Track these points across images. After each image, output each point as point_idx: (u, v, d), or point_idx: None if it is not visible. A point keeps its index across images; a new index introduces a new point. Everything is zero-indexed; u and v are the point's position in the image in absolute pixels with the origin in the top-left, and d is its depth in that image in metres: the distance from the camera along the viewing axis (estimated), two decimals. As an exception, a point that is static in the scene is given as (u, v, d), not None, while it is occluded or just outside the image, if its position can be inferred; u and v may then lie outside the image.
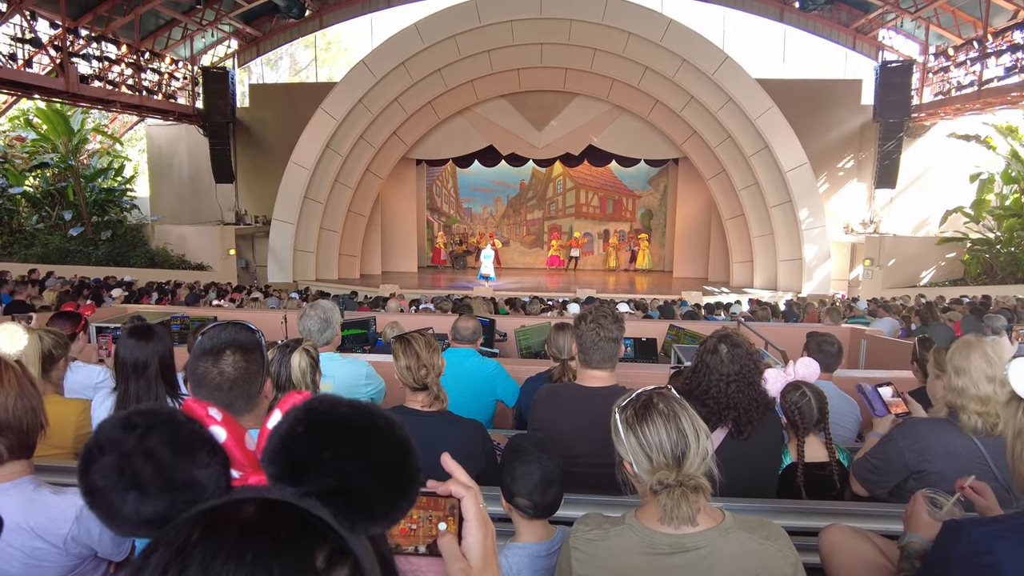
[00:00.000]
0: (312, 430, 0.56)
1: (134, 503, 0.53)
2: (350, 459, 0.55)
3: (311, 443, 0.55)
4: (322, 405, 0.58)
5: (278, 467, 0.55)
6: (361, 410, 0.59)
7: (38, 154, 17.90)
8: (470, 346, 3.56)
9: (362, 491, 0.55)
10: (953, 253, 17.57)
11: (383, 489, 0.57)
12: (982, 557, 1.25)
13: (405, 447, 0.60)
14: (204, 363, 1.54)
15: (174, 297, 11.47)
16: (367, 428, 0.58)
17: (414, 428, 2.08)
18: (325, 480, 0.54)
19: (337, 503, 0.54)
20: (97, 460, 0.54)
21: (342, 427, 0.57)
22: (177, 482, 0.54)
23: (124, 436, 0.55)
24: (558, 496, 1.74)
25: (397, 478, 0.58)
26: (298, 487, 0.54)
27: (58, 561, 1.54)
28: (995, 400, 2.04)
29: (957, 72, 16.73)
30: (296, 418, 0.57)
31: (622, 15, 15.84)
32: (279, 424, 0.57)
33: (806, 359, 2.45)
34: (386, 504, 0.57)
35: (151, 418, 0.56)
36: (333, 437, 0.56)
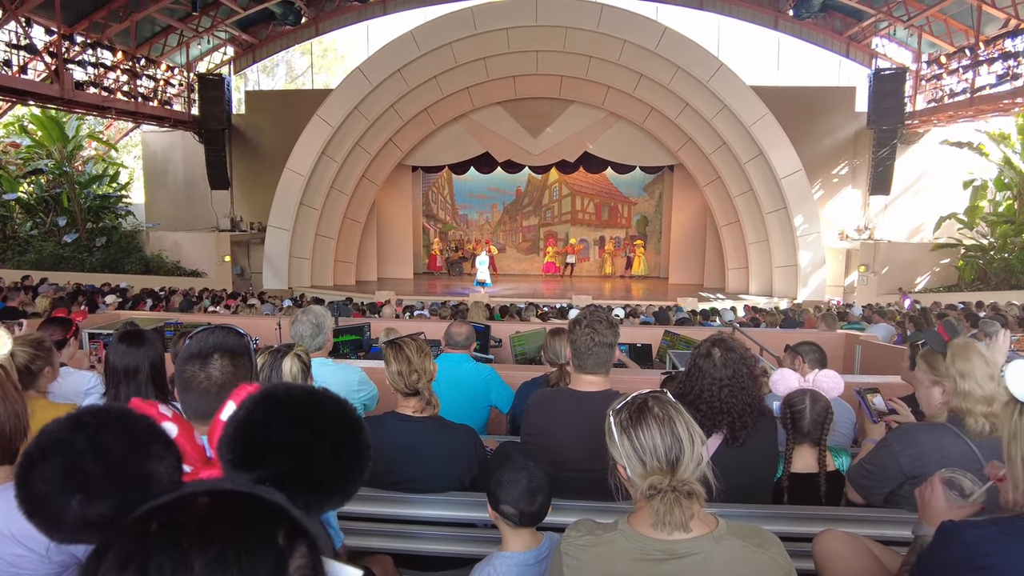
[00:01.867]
0: (269, 414, 0.58)
1: (79, 506, 0.52)
2: (306, 440, 0.58)
3: (268, 426, 0.58)
4: (277, 391, 0.61)
5: (235, 452, 0.57)
6: (314, 393, 0.61)
7: (32, 160, 17.83)
8: (464, 351, 3.54)
9: (317, 469, 0.58)
10: (947, 259, 17.64)
11: (337, 466, 0.59)
12: (978, 559, 1.24)
13: (355, 425, 0.62)
14: (191, 367, 1.52)
15: (168, 304, 11.41)
16: (320, 409, 0.60)
17: (405, 433, 2.06)
18: (281, 461, 0.56)
19: (292, 485, 0.56)
20: (39, 465, 0.53)
21: (297, 410, 0.59)
22: (129, 478, 0.53)
23: (73, 436, 0.54)
24: (545, 504, 1.73)
25: (350, 455, 0.60)
26: (255, 471, 0.56)
27: (40, 569, 1.51)
28: (998, 399, 2.04)
29: (950, 79, 16.87)
30: (254, 403, 0.59)
31: (617, 23, 15.93)
32: (236, 411, 0.59)
33: (830, 372, 2.39)
34: (340, 480, 0.59)
35: (102, 415, 0.56)
36: (289, 419, 0.58)
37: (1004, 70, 14.59)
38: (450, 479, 2.25)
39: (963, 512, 1.55)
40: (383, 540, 2.21)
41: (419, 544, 2.19)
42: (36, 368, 2.45)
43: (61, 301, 9.10)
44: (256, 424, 0.58)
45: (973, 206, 17.52)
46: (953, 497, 1.54)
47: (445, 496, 2.22)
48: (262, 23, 20.71)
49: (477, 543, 2.16)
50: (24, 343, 2.47)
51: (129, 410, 0.58)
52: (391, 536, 2.22)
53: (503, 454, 1.78)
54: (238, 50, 21.30)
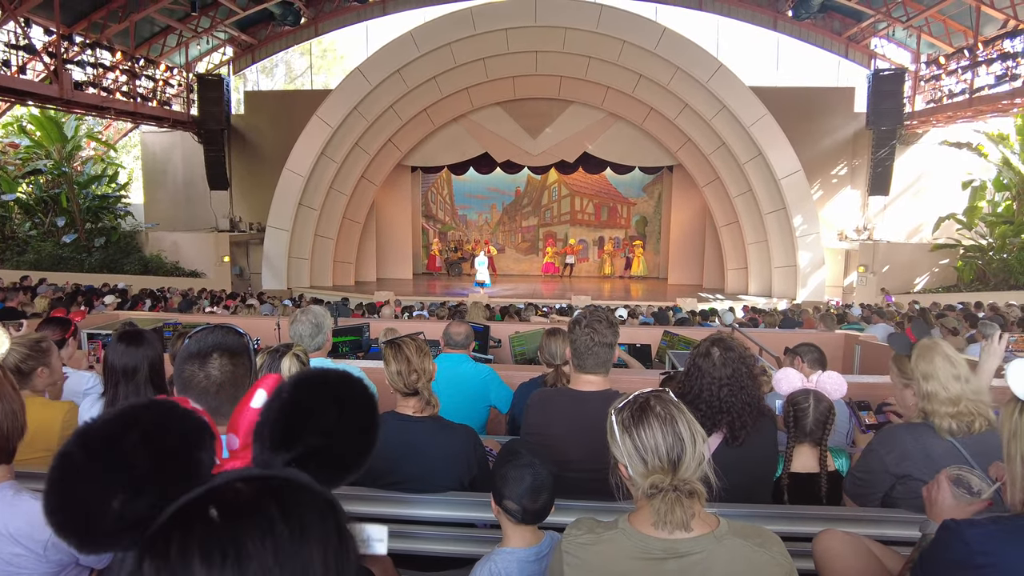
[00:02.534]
0: (309, 396, 0.63)
1: (119, 506, 0.51)
2: (338, 418, 0.63)
3: (308, 408, 0.63)
4: (314, 374, 0.66)
5: (277, 434, 0.61)
6: (344, 375, 0.67)
7: (31, 160, 17.81)
8: (462, 351, 3.54)
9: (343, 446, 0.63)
10: (946, 260, 17.66)
11: (359, 441, 0.65)
12: (978, 558, 1.24)
13: (372, 402, 0.68)
14: (191, 366, 1.52)
15: (167, 304, 11.40)
16: (348, 389, 0.66)
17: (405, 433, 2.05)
18: (316, 440, 0.61)
19: (319, 462, 0.60)
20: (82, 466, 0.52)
21: (334, 391, 0.65)
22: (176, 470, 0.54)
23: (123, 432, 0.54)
24: (548, 503, 1.73)
25: (368, 429, 0.67)
26: (290, 451, 0.60)
27: (37, 568, 1.51)
28: (965, 398, 2.05)
29: (948, 80, 16.89)
30: (295, 386, 0.64)
31: (616, 23, 15.94)
32: (276, 396, 0.64)
33: (834, 373, 2.39)
34: (358, 456, 0.65)
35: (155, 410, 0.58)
36: (324, 401, 0.64)
37: (1003, 71, 14.61)
38: (449, 479, 2.25)
39: (971, 509, 1.54)
40: (382, 540, 2.20)
41: (418, 544, 2.19)
42: (27, 368, 2.45)
43: (60, 301, 9.09)
44: (299, 405, 0.62)
45: (972, 207, 17.54)
46: (960, 495, 1.54)
47: (444, 496, 2.22)
48: (261, 23, 20.70)
49: (477, 543, 2.16)
50: (20, 343, 2.46)
51: (177, 404, 0.60)
52: (390, 536, 2.21)
53: (510, 450, 1.78)
54: (237, 50, 21.29)
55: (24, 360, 2.47)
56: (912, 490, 2.10)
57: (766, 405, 2.34)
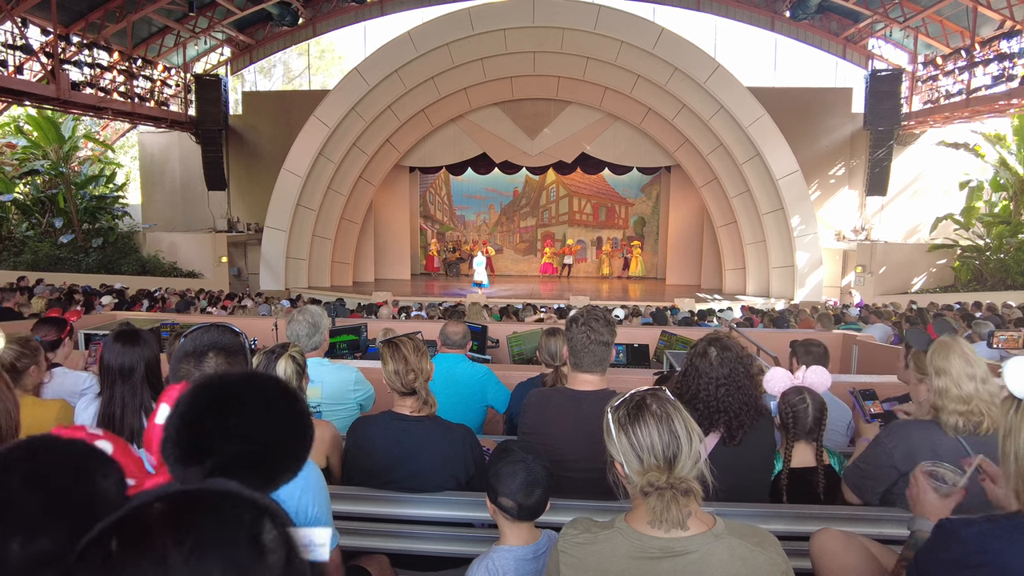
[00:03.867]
0: (209, 404, 0.59)
1: (20, 548, 0.49)
2: (248, 421, 0.59)
3: (213, 416, 0.59)
4: (212, 380, 0.62)
5: (182, 447, 0.57)
6: (248, 376, 0.63)
7: (28, 161, 17.75)
8: (460, 351, 3.53)
9: (266, 447, 0.59)
10: (944, 260, 17.69)
11: (283, 440, 0.60)
12: (974, 556, 1.24)
13: (292, 395, 0.63)
14: (186, 365, 1.51)
15: (165, 304, 11.37)
16: (258, 390, 0.62)
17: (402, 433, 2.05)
18: (229, 447, 0.57)
19: (242, 469, 0.56)
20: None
21: (235, 394, 0.60)
22: (73, 505, 0.51)
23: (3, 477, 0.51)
24: (543, 498, 1.72)
25: (292, 426, 0.61)
26: (204, 463, 0.56)
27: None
28: (977, 398, 2.05)
29: (945, 81, 16.93)
30: (193, 396, 0.60)
31: (614, 24, 15.95)
32: (176, 408, 0.60)
33: (818, 367, 2.40)
34: (287, 455, 0.60)
35: (29, 449, 0.53)
36: (229, 405, 0.59)
37: (1000, 71, 14.64)
38: (447, 478, 2.25)
39: (952, 500, 1.59)
40: (379, 540, 2.20)
41: (416, 544, 2.19)
42: (21, 366, 2.44)
43: (57, 302, 9.07)
44: (199, 415, 0.58)
45: (969, 207, 17.57)
46: (939, 487, 1.59)
47: (442, 496, 2.22)
48: (259, 24, 20.68)
49: (474, 543, 2.16)
50: (12, 341, 2.46)
51: (55, 437, 0.55)
52: (387, 536, 2.21)
53: (503, 448, 1.78)
54: (235, 51, 21.27)
55: (18, 358, 2.47)
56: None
57: (764, 405, 2.34)
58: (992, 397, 2.06)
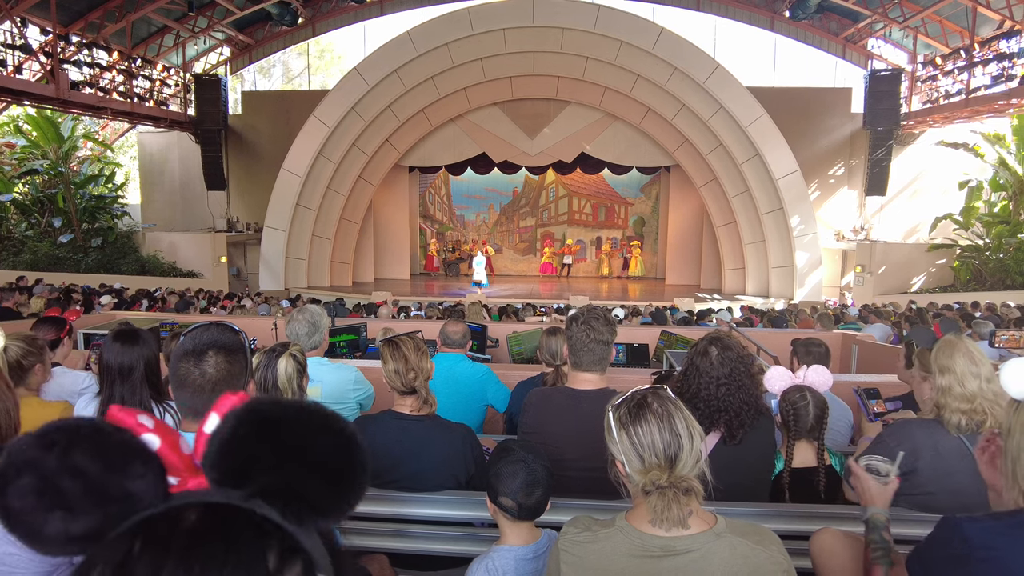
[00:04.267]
0: (254, 431, 0.55)
1: (60, 522, 0.50)
2: (293, 458, 0.55)
3: (253, 444, 0.55)
4: (262, 405, 0.57)
5: (220, 471, 0.54)
6: (301, 408, 0.58)
7: (28, 160, 17.73)
8: (459, 351, 3.53)
9: (307, 488, 0.55)
10: (943, 260, 17.70)
11: (329, 485, 0.56)
12: (977, 552, 1.24)
13: (349, 442, 0.58)
14: (186, 364, 1.50)
15: (164, 304, 11.36)
16: (307, 425, 0.57)
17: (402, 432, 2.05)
18: (269, 480, 0.53)
19: (283, 501, 0.53)
20: (13, 481, 0.51)
21: (283, 427, 0.56)
22: (110, 496, 0.52)
23: (42, 455, 0.52)
24: (543, 498, 1.72)
25: (342, 473, 0.57)
26: (242, 489, 0.53)
27: (30, 567, 1.49)
28: (981, 397, 2.05)
29: (945, 81, 16.94)
30: (238, 419, 0.56)
31: (614, 24, 15.95)
32: (219, 428, 0.56)
33: (819, 367, 2.40)
34: (333, 499, 0.57)
35: (73, 432, 0.53)
36: (275, 437, 0.55)
37: (999, 71, 14.65)
38: (447, 478, 2.24)
39: (891, 487, 1.73)
40: (379, 539, 2.20)
41: (415, 543, 2.18)
42: (28, 364, 2.44)
43: (56, 302, 9.07)
44: (240, 441, 0.55)
45: (968, 207, 17.58)
46: (881, 480, 1.72)
47: (442, 495, 2.21)
48: (259, 24, 20.67)
49: (474, 542, 2.15)
50: (16, 339, 2.46)
51: (102, 425, 0.55)
52: (387, 535, 2.20)
53: (503, 447, 1.78)
54: (234, 51, 21.26)
55: (25, 356, 2.47)
56: (916, 485, 2.10)
57: (764, 404, 2.34)
58: (996, 396, 2.05)
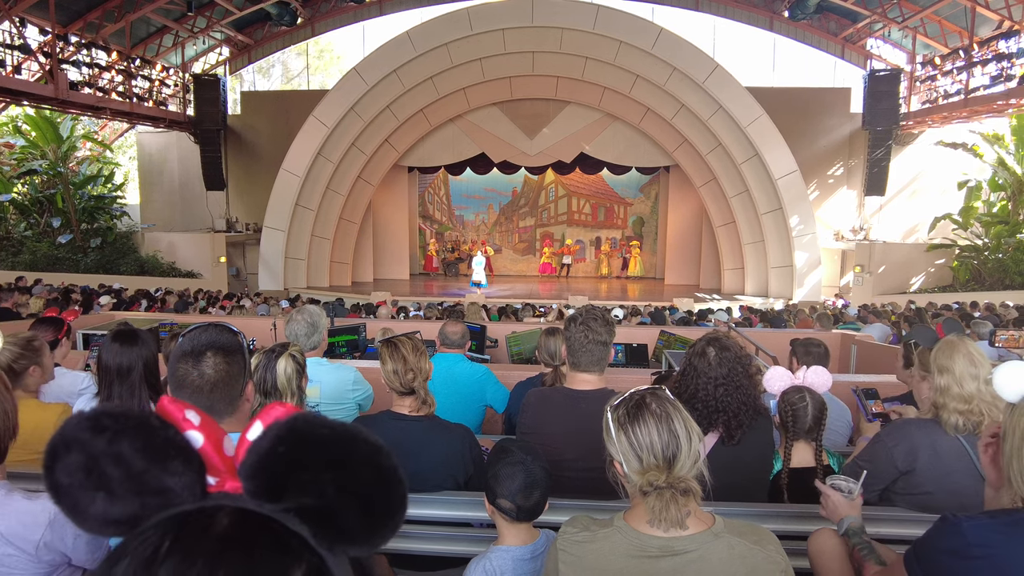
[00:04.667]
0: (293, 450, 0.54)
1: (102, 504, 0.52)
2: (331, 483, 0.53)
3: (291, 463, 0.54)
4: (305, 425, 0.55)
5: (256, 483, 0.54)
6: (345, 434, 0.56)
7: (27, 161, 17.72)
8: (458, 351, 3.53)
9: (343, 515, 0.53)
10: (942, 259, 17.71)
11: (364, 516, 0.54)
12: (974, 550, 1.25)
13: (391, 475, 0.57)
14: (184, 365, 1.50)
15: (163, 305, 11.36)
16: (350, 453, 0.55)
17: (401, 432, 2.05)
18: (304, 500, 0.52)
19: (316, 522, 0.52)
20: (63, 457, 0.53)
21: (324, 450, 0.55)
22: (148, 488, 0.53)
23: (92, 437, 0.53)
24: (542, 499, 1.72)
25: (380, 506, 0.55)
26: (276, 504, 0.52)
27: (28, 568, 1.50)
28: (979, 398, 2.05)
29: (944, 81, 16.95)
30: (277, 436, 0.55)
31: (613, 24, 15.95)
32: (259, 440, 0.55)
33: (818, 368, 2.39)
34: (367, 531, 0.55)
35: (122, 421, 0.54)
36: (314, 459, 0.54)
37: (998, 71, 14.66)
38: (445, 478, 2.24)
39: (858, 502, 1.81)
40: (378, 539, 2.19)
41: (414, 544, 2.18)
42: (19, 367, 2.43)
43: (55, 302, 9.05)
44: (278, 458, 0.54)
45: (967, 207, 17.60)
46: (847, 496, 1.81)
47: (440, 495, 2.21)
48: (258, 24, 20.66)
49: (472, 543, 2.15)
50: (13, 342, 2.45)
51: (150, 417, 0.55)
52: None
53: (501, 448, 1.78)
54: (234, 51, 21.25)
55: (16, 359, 2.46)
56: (914, 485, 2.10)
57: (762, 404, 2.34)
58: (994, 398, 2.05)
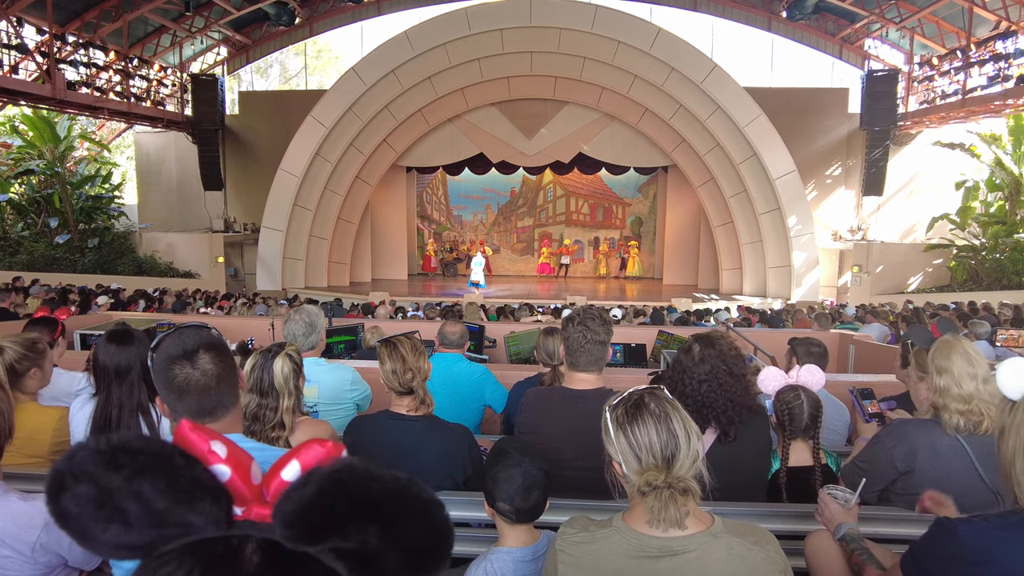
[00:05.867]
0: (337, 503, 0.51)
1: (116, 532, 0.50)
2: (374, 534, 0.51)
3: (334, 517, 0.51)
4: (352, 479, 0.53)
5: (294, 531, 0.51)
6: (398, 490, 0.53)
7: (24, 161, 17.69)
8: (457, 351, 3.53)
9: (383, 559, 0.51)
10: (940, 260, 17.74)
11: (408, 564, 0.52)
12: (971, 554, 1.25)
13: (441, 531, 0.55)
14: (182, 368, 1.45)
15: (161, 305, 11.33)
16: (400, 510, 0.53)
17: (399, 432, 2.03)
18: (343, 544, 0.50)
19: (354, 564, 0.50)
20: (71, 488, 0.50)
21: (372, 507, 0.52)
22: (170, 523, 0.51)
23: (106, 473, 0.50)
24: (541, 500, 1.72)
25: (425, 560, 0.53)
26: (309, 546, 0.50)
27: (24, 570, 1.49)
28: (978, 398, 2.04)
29: (941, 81, 16.98)
30: (321, 488, 0.52)
31: (611, 24, 15.95)
32: (301, 487, 0.52)
33: (811, 366, 2.39)
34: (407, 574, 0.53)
35: (141, 459, 0.51)
36: (360, 514, 0.51)
37: (995, 72, 14.68)
38: (444, 478, 2.24)
39: (854, 511, 1.83)
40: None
41: (412, 544, 2.17)
42: (21, 368, 2.42)
43: (53, 302, 9.03)
44: (320, 510, 0.51)
45: (965, 207, 17.63)
46: (845, 505, 1.83)
47: (439, 496, 2.20)
48: (256, 23, 20.63)
49: (471, 543, 2.15)
50: (16, 342, 2.44)
51: (172, 456, 0.52)
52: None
53: (499, 451, 1.77)
54: (232, 51, 21.22)
55: (20, 360, 2.45)
56: (913, 485, 2.09)
57: (758, 404, 2.33)
58: (992, 397, 2.05)
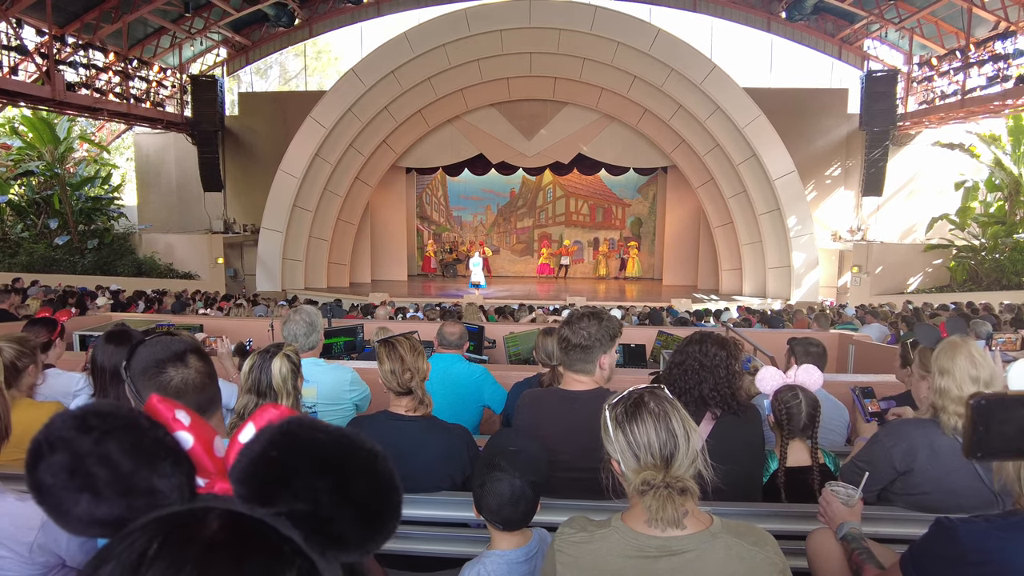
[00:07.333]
0: (286, 455, 0.53)
1: (87, 504, 0.51)
2: (325, 490, 0.52)
3: (283, 468, 0.52)
4: (299, 429, 0.54)
5: (247, 488, 0.52)
6: (341, 440, 0.54)
7: (23, 162, 17.68)
8: (456, 351, 3.52)
9: (336, 521, 0.52)
10: (939, 260, 17.74)
11: (359, 522, 0.53)
12: (971, 555, 1.24)
13: (388, 482, 0.55)
14: (174, 371, 1.47)
15: (161, 306, 11.33)
16: (346, 459, 0.54)
17: (398, 432, 2.03)
18: (296, 505, 0.51)
19: (308, 527, 0.51)
20: (47, 457, 0.52)
21: (319, 456, 0.53)
22: (136, 489, 0.51)
23: (78, 436, 0.52)
24: (528, 509, 1.72)
25: (375, 513, 0.54)
26: (268, 508, 0.51)
27: (22, 570, 1.48)
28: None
29: (941, 81, 16.99)
30: (270, 440, 0.53)
31: (611, 25, 15.96)
32: (251, 443, 0.54)
33: (809, 366, 2.38)
34: (361, 536, 0.54)
35: (110, 420, 0.53)
36: (308, 465, 0.52)
37: (994, 72, 14.69)
38: (442, 479, 2.24)
39: (857, 509, 1.82)
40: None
41: (410, 544, 2.17)
42: (22, 365, 2.43)
43: (52, 303, 9.02)
44: (271, 463, 0.52)
45: (964, 207, 17.63)
46: (847, 500, 1.82)
47: (437, 496, 2.20)
48: (255, 24, 20.64)
49: (469, 543, 2.14)
50: (9, 340, 2.44)
51: (138, 417, 0.54)
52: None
53: (487, 462, 1.75)
54: (231, 52, 21.23)
55: (19, 357, 2.47)
56: (913, 485, 2.09)
57: (746, 402, 2.34)
58: None
